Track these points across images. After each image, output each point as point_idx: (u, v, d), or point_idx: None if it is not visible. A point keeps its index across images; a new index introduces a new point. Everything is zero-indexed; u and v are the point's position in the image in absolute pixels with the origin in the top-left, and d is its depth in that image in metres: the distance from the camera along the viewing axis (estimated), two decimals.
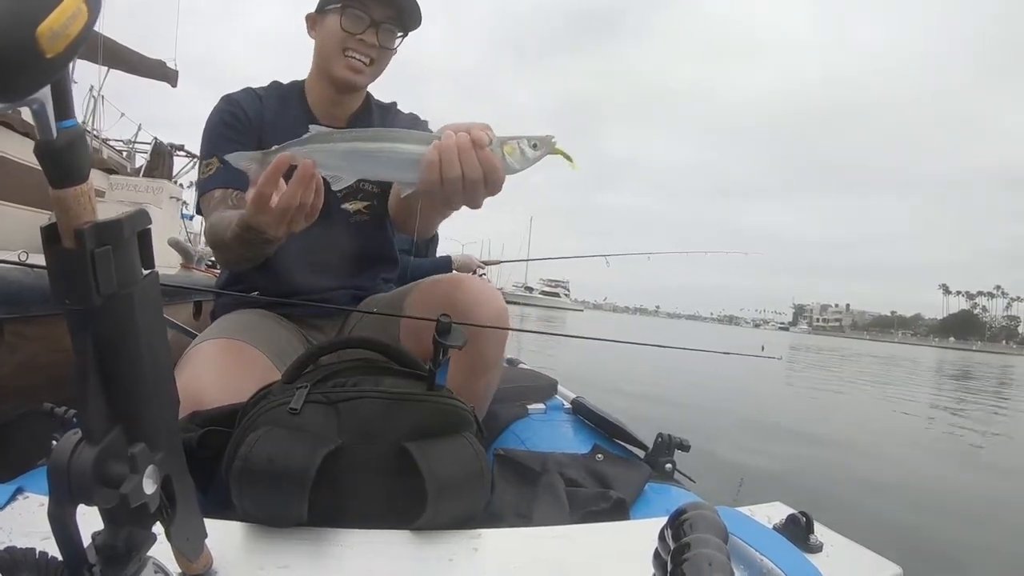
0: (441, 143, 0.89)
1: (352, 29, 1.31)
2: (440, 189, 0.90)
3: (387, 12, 1.33)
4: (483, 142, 0.89)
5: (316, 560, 0.71)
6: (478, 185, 0.90)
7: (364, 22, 1.32)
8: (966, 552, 2.50)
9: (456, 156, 0.88)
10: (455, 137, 0.89)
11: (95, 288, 0.41)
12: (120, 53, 9.13)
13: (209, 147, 1.35)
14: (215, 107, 1.40)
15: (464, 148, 0.88)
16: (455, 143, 0.88)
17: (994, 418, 7.32)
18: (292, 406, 0.82)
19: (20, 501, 0.76)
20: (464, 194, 0.91)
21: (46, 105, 0.37)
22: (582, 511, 1.05)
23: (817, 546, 0.80)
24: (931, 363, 26.43)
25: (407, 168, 0.91)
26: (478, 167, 0.89)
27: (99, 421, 0.43)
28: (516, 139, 0.91)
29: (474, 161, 0.89)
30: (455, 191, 0.90)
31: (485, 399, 1.37)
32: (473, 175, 0.89)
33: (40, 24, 0.31)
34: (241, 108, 1.38)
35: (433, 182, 0.90)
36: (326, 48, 1.36)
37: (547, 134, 0.92)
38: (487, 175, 0.90)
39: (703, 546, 0.55)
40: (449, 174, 0.88)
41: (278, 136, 1.28)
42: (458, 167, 0.88)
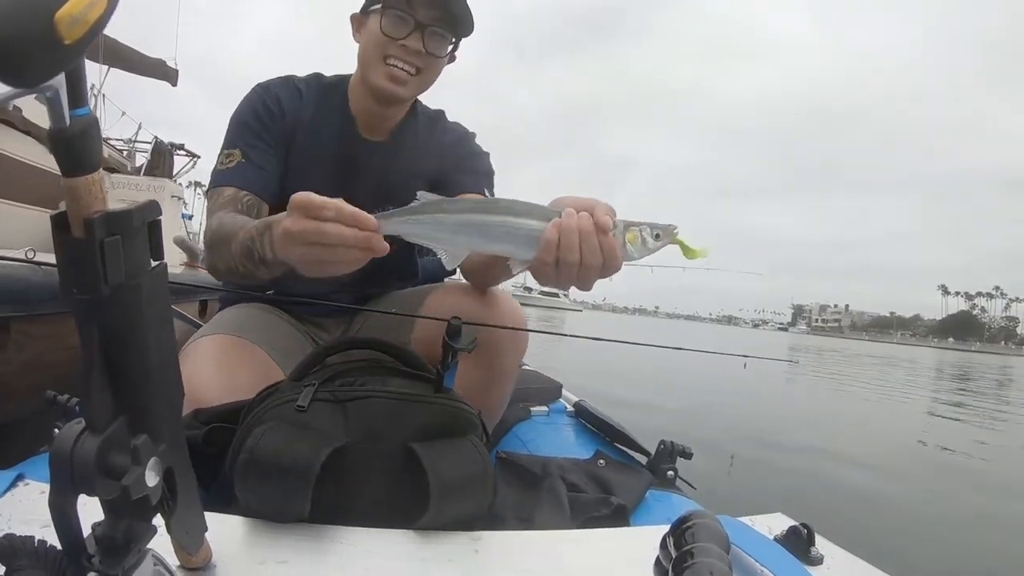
0: (563, 223, 0.82)
1: (393, 33, 1.17)
2: (554, 270, 0.84)
3: (434, 13, 1.18)
4: (607, 227, 0.82)
5: (316, 556, 0.71)
6: (595, 269, 0.83)
7: (408, 25, 1.18)
8: (966, 567, 2.49)
9: (577, 240, 0.81)
10: (577, 218, 0.82)
11: (103, 278, 0.40)
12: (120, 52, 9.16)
13: (233, 136, 1.24)
14: (249, 95, 1.28)
15: (586, 232, 0.82)
16: (577, 225, 0.81)
17: (995, 423, 7.28)
18: (299, 403, 0.83)
19: (21, 488, 0.76)
20: (577, 278, 0.84)
21: (60, 92, 0.36)
22: (583, 516, 1.04)
23: (818, 559, 0.80)
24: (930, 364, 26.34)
25: (523, 245, 0.85)
26: (599, 253, 0.82)
27: (103, 411, 0.43)
28: (639, 226, 0.86)
29: (595, 246, 0.82)
30: (570, 274, 0.84)
31: (499, 408, 1.35)
32: (592, 261, 0.82)
33: (59, 10, 0.31)
34: (277, 102, 1.27)
35: (548, 263, 0.83)
36: (367, 54, 1.23)
37: (670, 223, 0.87)
38: (606, 262, 0.83)
39: (705, 555, 0.55)
40: (568, 257, 0.82)
41: (311, 138, 1.22)
42: (577, 252, 0.82)
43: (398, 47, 1.18)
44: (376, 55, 1.20)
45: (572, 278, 0.84)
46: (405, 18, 1.17)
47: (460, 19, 1.21)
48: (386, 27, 1.17)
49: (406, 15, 1.17)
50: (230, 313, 1.32)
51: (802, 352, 25.02)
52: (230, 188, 1.20)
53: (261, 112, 1.25)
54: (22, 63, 0.31)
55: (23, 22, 0.30)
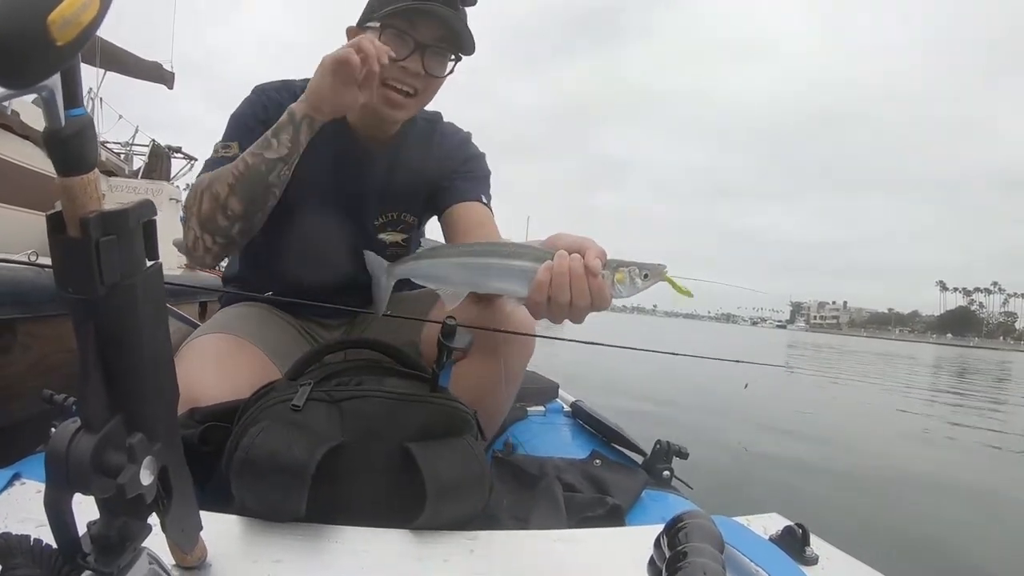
0: (554, 267, 0.88)
1: (394, 54, 1.12)
2: (546, 307, 0.90)
3: (436, 33, 1.16)
4: (596, 271, 0.87)
5: (310, 555, 0.71)
6: (585, 309, 0.89)
7: (408, 46, 1.15)
8: (963, 566, 2.49)
9: (567, 281, 0.87)
10: (568, 261, 0.87)
11: (99, 277, 0.41)
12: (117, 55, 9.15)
13: (233, 132, 1.23)
14: (249, 97, 1.28)
15: (576, 275, 0.87)
16: (568, 268, 0.87)
17: (992, 422, 7.27)
18: (295, 403, 0.83)
19: (17, 487, 0.76)
20: (569, 314, 0.90)
21: (55, 93, 0.37)
22: (578, 516, 1.05)
23: (813, 558, 0.80)
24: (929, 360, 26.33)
25: (516, 284, 0.92)
26: (588, 295, 0.88)
27: (99, 410, 0.43)
28: (628, 267, 0.91)
29: (584, 289, 0.88)
30: (561, 312, 0.90)
31: (505, 409, 1.34)
32: (582, 302, 0.88)
33: (52, 11, 0.31)
34: (277, 106, 1.22)
35: (540, 302, 0.89)
36: None
37: (659, 263, 0.93)
38: (595, 302, 0.89)
39: (699, 555, 0.55)
40: (559, 298, 0.88)
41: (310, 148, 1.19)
42: (568, 293, 0.87)
43: (397, 69, 1.16)
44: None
45: (563, 315, 0.90)
46: (405, 38, 1.15)
47: (462, 39, 1.19)
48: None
49: (406, 35, 1.15)
50: (228, 313, 1.32)
51: (800, 349, 25.00)
52: None
53: (260, 114, 1.24)
54: (16, 64, 0.31)
55: (16, 24, 0.30)
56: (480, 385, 1.16)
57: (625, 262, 0.92)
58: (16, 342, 1.61)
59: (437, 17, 1.15)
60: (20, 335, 1.62)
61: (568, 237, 0.93)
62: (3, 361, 1.59)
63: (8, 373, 1.61)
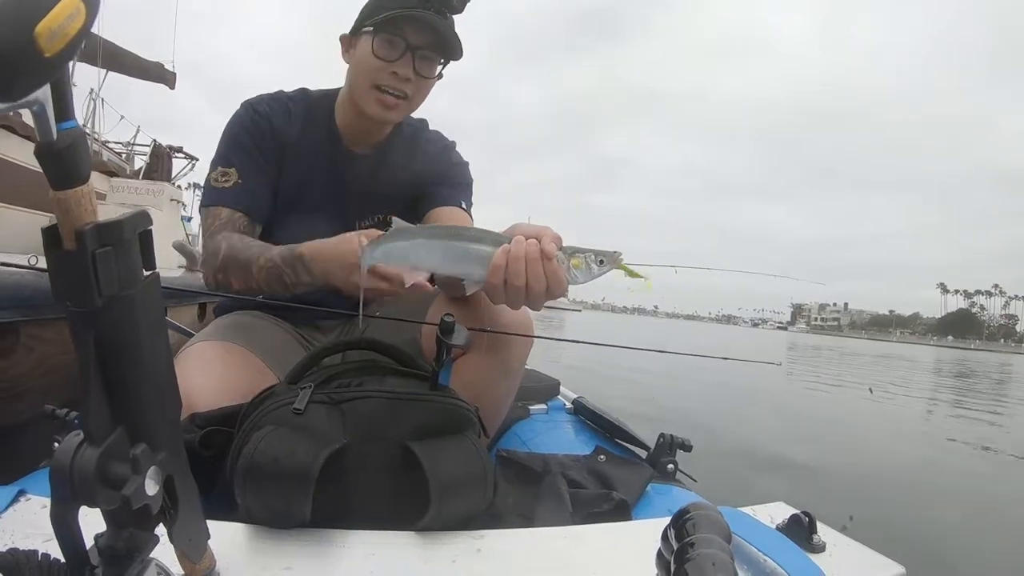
0: (510, 250, 0.90)
1: (385, 55, 1.20)
2: (503, 291, 0.92)
3: (426, 37, 1.21)
4: (551, 254, 0.90)
5: (319, 561, 0.71)
6: (541, 294, 0.91)
7: (399, 48, 1.20)
8: (969, 551, 2.50)
9: (523, 266, 0.89)
10: (524, 245, 0.90)
11: (96, 289, 0.41)
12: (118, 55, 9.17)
13: (228, 154, 1.28)
14: (240, 113, 1.31)
15: (532, 259, 0.89)
16: (524, 252, 0.89)
17: (995, 417, 7.29)
18: (296, 406, 0.83)
19: (22, 503, 0.76)
20: (526, 299, 0.92)
21: (46, 106, 0.37)
22: (584, 512, 1.04)
23: (820, 546, 0.80)
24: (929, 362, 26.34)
25: (476, 267, 0.94)
26: (543, 278, 0.90)
27: (101, 422, 0.43)
28: (584, 253, 0.93)
29: (540, 272, 0.90)
30: (518, 296, 0.92)
31: (506, 404, 1.36)
32: (537, 286, 0.90)
33: (38, 23, 0.31)
34: (268, 121, 1.30)
35: (497, 285, 0.91)
36: (357, 78, 1.26)
37: (615, 250, 0.94)
38: (551, 286, 0.91)
39: (706, 546, 0.55)
40: (514, 281, 0.90)
41: (301, 157, 1.29)
42: (523, 276, 0.89)
43: (389, 74, 1.21)
44: (367, 81, 1.24)
45: (520, 299, 0.92)
46: (396, 41, 1.20)
47: (449, 43, 1.23)
48: (377, 49, 1.20)
49: (397, 38, 1.20)
50: (224, 320, 1.33)
51: (800, 350, 25.01)
52: (226, 210, 1.24)
53: (254, 132, 1.29)
54: (3, 78, 0.31)
55: (3, 37, 0.30)
56: (480, 381, 1.17)
57: (581, 248, 0.94)
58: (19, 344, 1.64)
59: (426, 23, 1.19)
60: (23, 337, 1.64)
61: (526, 226, 0.94)
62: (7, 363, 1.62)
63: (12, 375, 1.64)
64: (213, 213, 1.25)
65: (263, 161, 1.29)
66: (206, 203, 1.27)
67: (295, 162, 1.32)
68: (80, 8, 0.33)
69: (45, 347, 1.70)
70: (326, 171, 1.35)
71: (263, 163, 1.29)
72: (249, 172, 1.27)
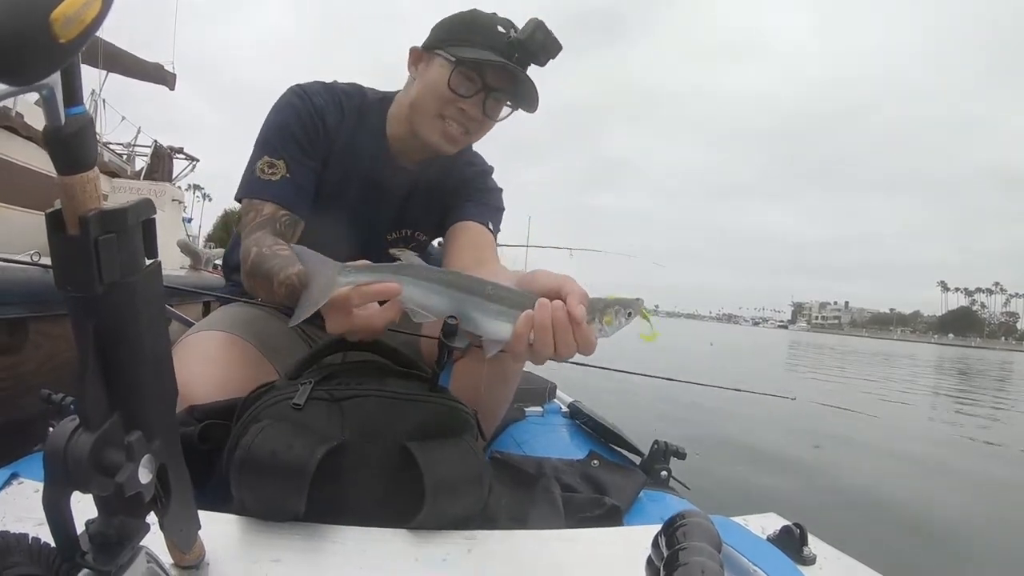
0: (536, 319, 0.80)
1: (460, 91, 1.18)
2: (528, 355, 0.83)
3: (503, 82, 1.20)
4: (580, 319, 0.79)
5: (309, 555, 0.71)
6: (569, 356, 0.82)
7: (475, 86, 1.19)
8: (960, 566, 2.49)
9: (551, 335, 0.80)
10: (551, 311, 0.79)
11: (98, 276, 0.41)
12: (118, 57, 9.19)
13: (276, 144, 1.22)
14: (291, 100, 1.26)
15: (561, 327, 0.79)
16: (551, 319, 0.79)
17: (993, 423, 7.27)
18: (296, 401, 0.83)
19: (15, 486, 0.76)
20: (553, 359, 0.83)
21: (56, 91, 0.37)
22: (576, 516, 1.05)
23: (811, 558, 0.80)
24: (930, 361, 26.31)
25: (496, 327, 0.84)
26: (573, 345, 0.81)
27: (97, 408, 0.43)
28: (612, 307, 0.85)
29: (570, 340, 0.80)
30: (542, 359, 0.83)
31: (504, 406, 1.36)
32: (566, 352, 0.81)
33: (55, 9, 0.31)
34: (322, 117, 1.26)
35: (521, 352, 0.82)
36: (424, 101, 1.22)
37: (637, 298, 0.88)
38: (580, 349, 0.82)
39: (696, 554, 0.55)
40: (542, 351, 0.81)
41: (347, 158, 1.26)
42: (551, 344, 0.80)
43: (456, 109, 1.20)
44: (433, 108, 1.21)
45: (545, 360, 0.83)
46: (474, 79, 1.18)
47: (525, 95, 1.22)
48: (454, 83, 1.18)
49: (476, 76, 1.18)
50: (226, 310, 1.32)
51: (802, 348, 24.96)
52: (270, 204, 1.19)
53: (308, 124, 1.25)
54: (17, 62, 0.31)
55: (18, 21, 0.30)
56: (479, 384, 1.15)
57: (607, 302, 0.86)
58: (28, 340, 1.68)
59: (508, 71, 1.17)
60: (31, 333, 1.68)
61: (546, 277, 0.86)
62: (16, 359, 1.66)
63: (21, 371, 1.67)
64: (256, 207, 1.19)
65: (312, 154, 1.25)
66: (249, 194, 1.21)
67: (339, 161, 1.29)
68: None
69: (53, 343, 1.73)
70: (367, 178, 1.32)
71: (311, 157, 1.25)
72: (298, 166, 1.23)
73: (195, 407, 0.96)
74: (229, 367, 1.10)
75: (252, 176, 1.21)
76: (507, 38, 1.17)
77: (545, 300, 0.81)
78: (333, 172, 1.29)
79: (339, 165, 1.29)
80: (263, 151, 1.22)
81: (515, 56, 1.17)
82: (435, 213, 1.40)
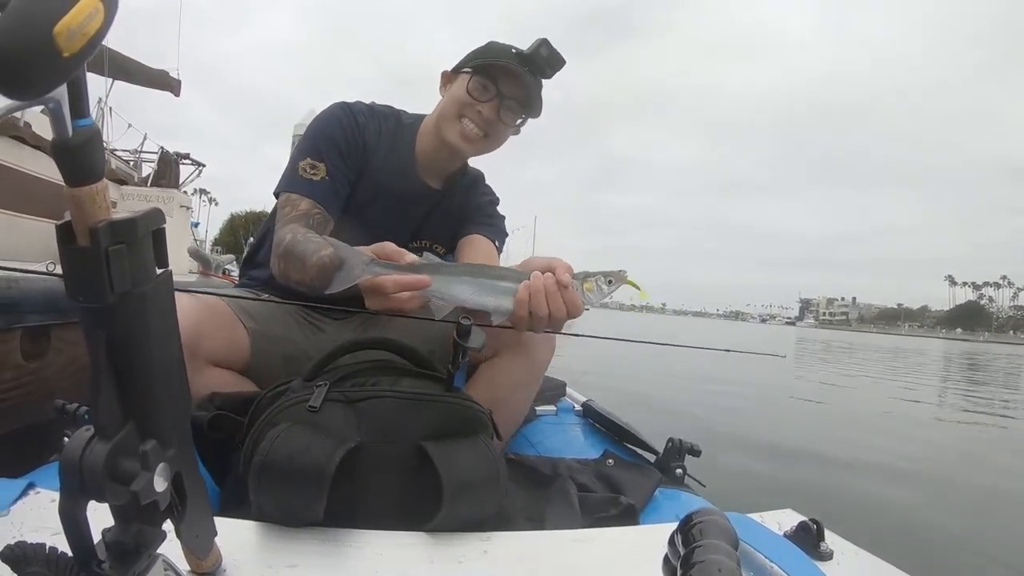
0: (531, 285, 1.01)
1: (477, 95, 1.33)
2: (528, 321, 1.03)
3: (515, 91, 1.34)
4: (567, 284, 1.02)
5: (325, 560, 0.71)
6: (562, 319, 1.03)
7: (489, 92, 1.33)
8: (978, 560, 2.47)
9: (544, 298, 1.01)
10: (542, 279, 1.01)
11: (109, 286, 0.41)
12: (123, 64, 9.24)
13: (320, 148, 1.34)
14: (336, 112, 1.39)
15: (551, 291, 1.01)
16: (543, 286, 1.01)
17: (1006, 418, 7.21)
18: (312, 404, 0.83)
19: (31, 496, 0.76)
20: (549, 324, 1.04)
21: (62, 104, 0.37)
22: (592, 516, 1.04)
23: (828, 554, 0.80)
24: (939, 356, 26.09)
25: (501, 301, 1.04)
26: (563, 306, 1.02)
27: (111, 418, 0.44)
28: (594, 276, 1.06)
29: (560, 303, 1.02)
30: (542, 323, 1.03)
31: (526, 407, 1.45)
32: (558, 313, 1.02)
33: (58, 23, 0.31)
34: (363, 134, 1.39)
35: (523, 317, 1.02)
36: (447, 108, 1.37)
37: (621, 269, 1.09)
38: (570, 311, 1.02)
39: (713, 552, 0.55)
40: (538, 312, 1.01)
41: (379, 172, 1.39)
42: (546, 307, 1.01)
43: (475, 110, 1.34)
44: (454, 111, 1.35)
45: (544, 326, 1.04)
46: (489, 86, 1.33)
47: (532, 100, 1.36)
48: (472, 88, 1.33)
49: (491, 84, 1.33)
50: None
51: (808, 343, 24.83)
52: (307, 201, 1.30)
53: (350, 137, 1.37)
54: (23, 76, 0.31)
55: (23, 36, 0.30)
56: (506, 383, 1.26)
57: (591, 273, 1.07)
58: (50, 347, 1.74)
59: (519, 79, 1.32)
60: (54, 340, 1.74)
61: (538, 260, 1.08)
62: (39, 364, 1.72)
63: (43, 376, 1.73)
64: (293, 201, 1.30)
65: (351, 163, 1.36)
66: (288, 188, 1.32)
67: (371, 178, 1.40)
68: (99, 8, 0.33)
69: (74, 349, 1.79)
70: (395, 194, 1.42)
71: (350, 165, 1.36)
72: (337, 170, 1.34)
73: (216, 395, 1.00)
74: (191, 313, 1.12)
75: (294, 173, 1.32)
76: (517, 54, 1.33)
77: (538, 272, 1.02)
78: (365, 187, 1.39)
79: (371, 181, 1.39)
80: (306, 153, 1.34)
81: (525, 68, 1.32)
82: (450, 230, 1.53)
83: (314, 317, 1.42)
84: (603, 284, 1.06)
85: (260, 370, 1.24)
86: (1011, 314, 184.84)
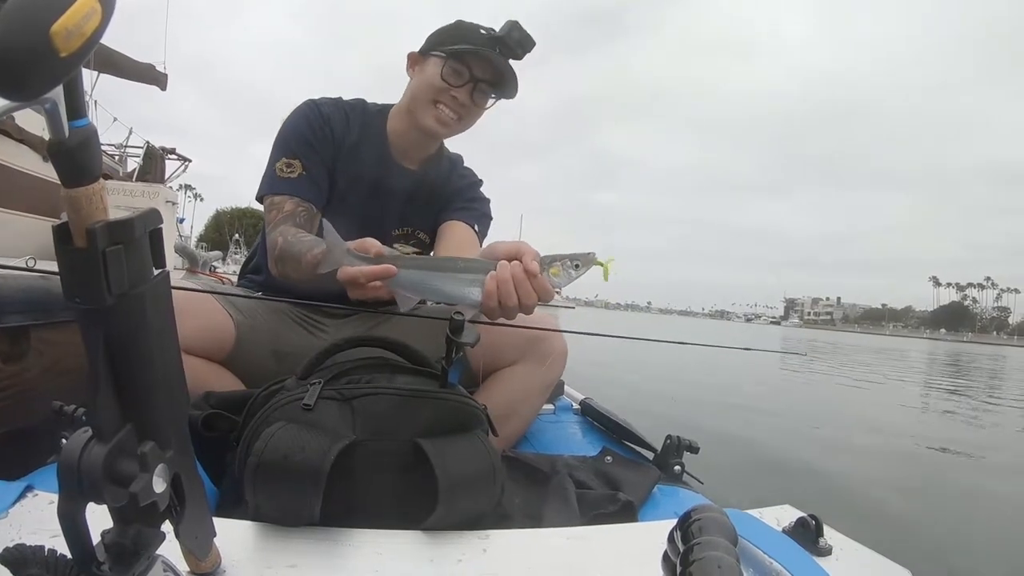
0: (498, 276, 0.96)
1: (451, 81, 1.34)
2: (499, 310, 0.98)
3: (488, 74, 1.35)
4: (535, 272, 0.96)
5: (325, 560, 0.71)
6: (532, 305, 0.98)
7: (463, 77, 1.34)
8: (976, 555, 2.48)
9: (512, 287, 0.96)
10: (509, 269, 0.96)
11: (107, 287, 0.41)
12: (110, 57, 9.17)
13: (292, 146, 1.36)
14: (303, 109, 1.41)
15: (519, 280, 0.96)
16: (510, 275, 0.96)
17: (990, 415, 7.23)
18: (306, 402, 0.83)
19: (30, 499, 0.76)
20: (520, 311, 0.99)
21: (58, 104, 0.37)
22: (591, 513, 1.04)
23: (826, 549, 0.80)
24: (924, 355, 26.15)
25: (468, 294, 0.99)
26: (532, 294, 0.97)
27: (109, 419, 0.44)
28: (560, 260, 1.00)
29: (529, 290, 0.97)
30: (513, 311, 0.98)
31: (536, 414, 1.49)
32: (528, 300, 0.97)
33: (55, 23, 0.31)
34: (329, 121, 1.40)
35: (493, 308, 0.98)
36: (420, 93, 1.38)
37: (589, 252, 1.02)
38: (540, 297, 0.98)
39: (712, 548, 0.55)
40: (507, 302, 0.96)
41: (352, 160, 1.40)
42: (515, 296, 0.96)
43: (449, 96, 1.35)
44: (428, 96, 1.36)
45: (515, 313, 0.99)
46: (462, 71, 1.34)
47: (508, 84, 1.38)
48: (445, 74, 1.34)
49: (464, 69, 1.34)
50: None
51: (792, 342, 24.85)
52: (291, 200, 1.33)
53: (317, 129, 1.39)
54: (19, 77, 0.31)
55: (19, 36, 0.30)
56: (520, 390, 1.31)
57: (557, 256, 1.01)
58: (30, 348, 1.67)
59: (491, 62, 1.34)
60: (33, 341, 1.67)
61: (503, 245, 1.03)
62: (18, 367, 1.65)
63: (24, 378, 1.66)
64: (277, 204, 1.32)
65: (323, 155, 1.38)
66: (270, 191, 1.34)
67: (346, 166, 1.42)
68: (96, 8, 0.33)
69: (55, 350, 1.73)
70: (372, 179, 1.44)
71: (323, 157, 1.38)
72: (312, 163, 1.36)
73: (211, 394, 1.00)
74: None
75: (273, 175, 1.35)
76: (488, 36, 1.34)
77: (504, 261, 0.98)
78: (341, 176, 1.41)
79: (346, 169, 1.41)
80: (281, 153, 1.36)
81: (496, 50, 1.33)
82: (433, 215, 1.54)
83: (314, 318, 1.43)
84: (570, 268, 1.01)
85: (244, 362, 1.26)
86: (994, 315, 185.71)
